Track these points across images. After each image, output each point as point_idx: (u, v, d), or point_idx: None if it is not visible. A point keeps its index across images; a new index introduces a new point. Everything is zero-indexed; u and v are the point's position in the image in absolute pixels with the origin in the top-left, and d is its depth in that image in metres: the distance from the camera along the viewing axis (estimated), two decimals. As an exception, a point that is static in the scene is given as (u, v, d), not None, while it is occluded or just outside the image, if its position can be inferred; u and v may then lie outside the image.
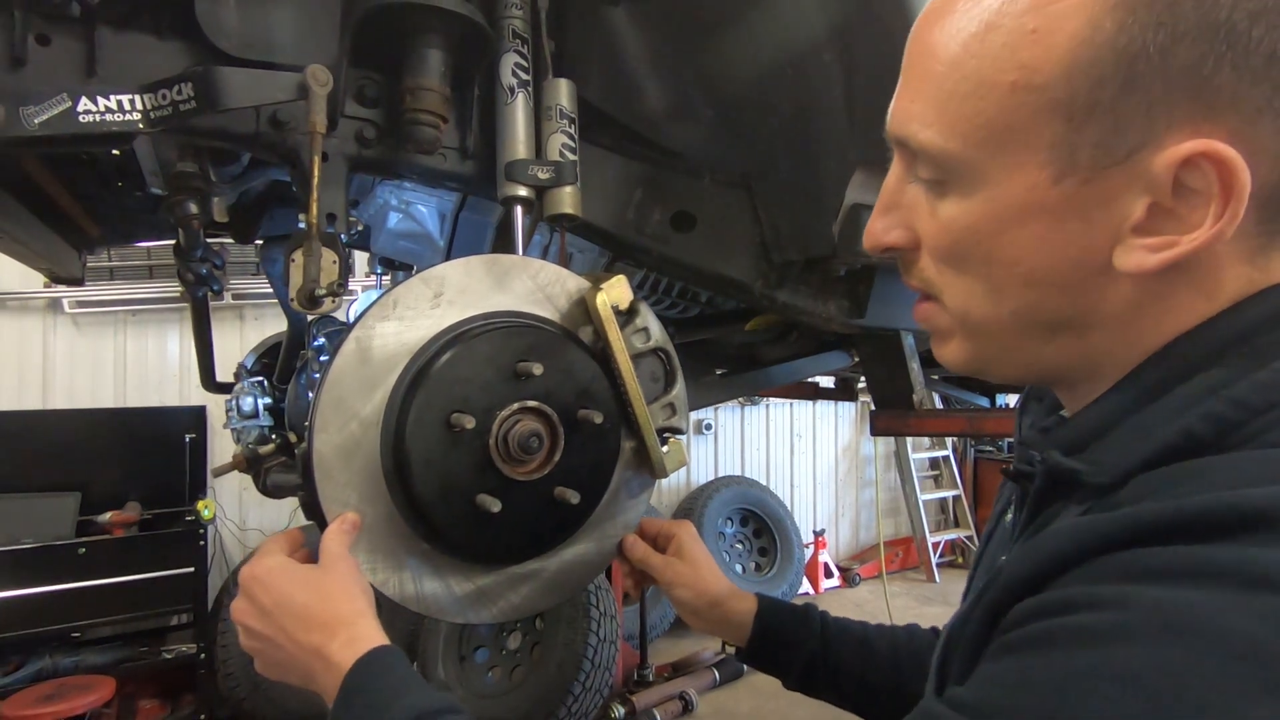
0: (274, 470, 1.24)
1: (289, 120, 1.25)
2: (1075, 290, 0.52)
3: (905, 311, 1.71)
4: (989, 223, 0.53)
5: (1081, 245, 0.51)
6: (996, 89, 0.50)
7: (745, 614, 1.00)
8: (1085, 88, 0.47)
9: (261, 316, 4.58)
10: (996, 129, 0.50)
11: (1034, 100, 0.49)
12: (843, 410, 7.15)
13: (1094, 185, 0.49)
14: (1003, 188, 0.52)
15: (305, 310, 1.14)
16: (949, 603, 5.93)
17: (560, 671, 3.57)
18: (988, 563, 0.72)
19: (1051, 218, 0.51)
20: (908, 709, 0.49)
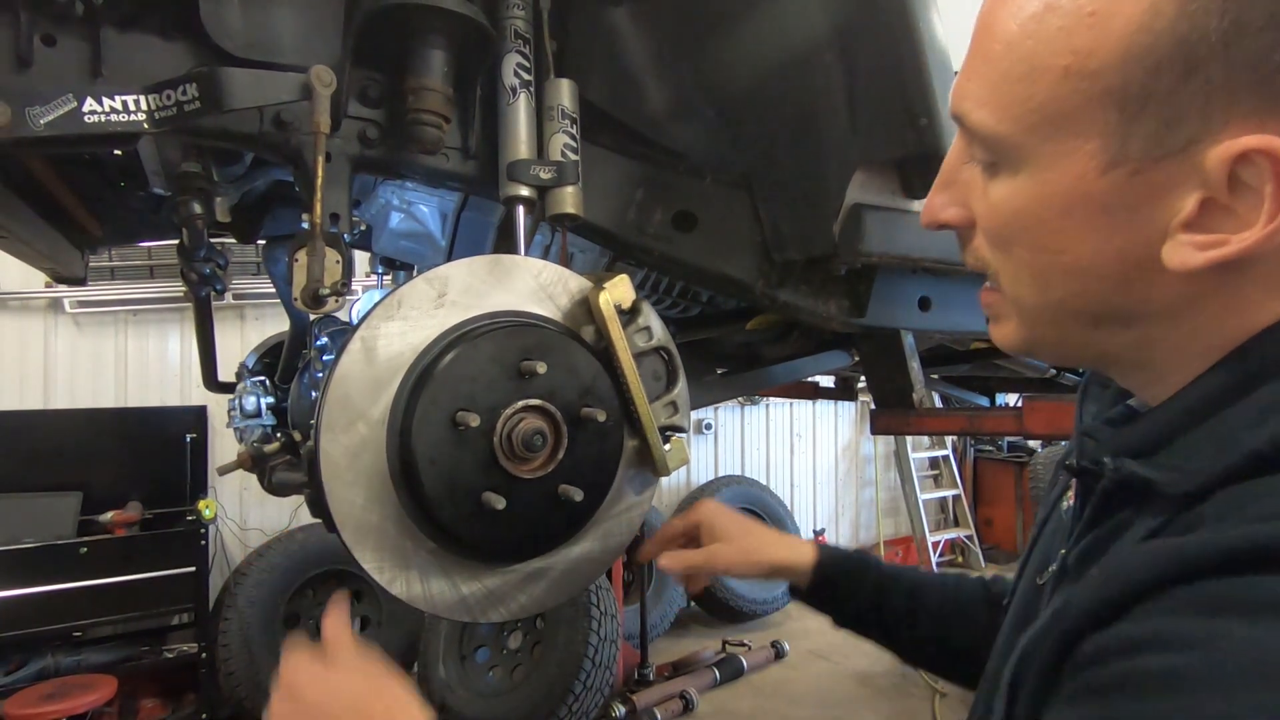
0: (279, 469, 1.25)
1: (292, 120, 1.25)
2: (1121, 283, 0.51)
3: (905, 311, 1.71)
4: (1035, 209, 0.52)
5: (1127, 238, 0.49)
6: (1049, 73, 0.48)
7: (802, 566, 1.02)
8: (1140, 76, 0.45)
9: (262, 316, 4.59)
10: (1047, 114, 0.49)
11: (1086, 87, 0.47)
12: (842, 410, 7.15)
13: (1144, 178, 0.47)
14: (1051, 174, 0.50)
15: (309, 310, 1.14)
16: (949, 602, 5.94)
17: (561, 671, 3.57)
18: (1042, 551, 0.70)
19: (1098, 209, 0.49)
20: (951, 658, 0.47)
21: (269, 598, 3.92)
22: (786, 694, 4.36)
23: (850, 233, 1.35)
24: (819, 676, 4.59)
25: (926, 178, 1.34)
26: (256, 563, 4.00)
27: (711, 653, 4.69)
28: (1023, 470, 7.10)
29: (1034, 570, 0.70)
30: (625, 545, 1.02)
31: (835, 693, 4.36)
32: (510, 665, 3.87)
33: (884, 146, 1.28)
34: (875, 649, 1.11)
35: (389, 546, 0.84)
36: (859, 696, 4.30)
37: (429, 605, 0.88)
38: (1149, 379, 0.55)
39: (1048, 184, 0.50)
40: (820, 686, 4.45)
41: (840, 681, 4.51)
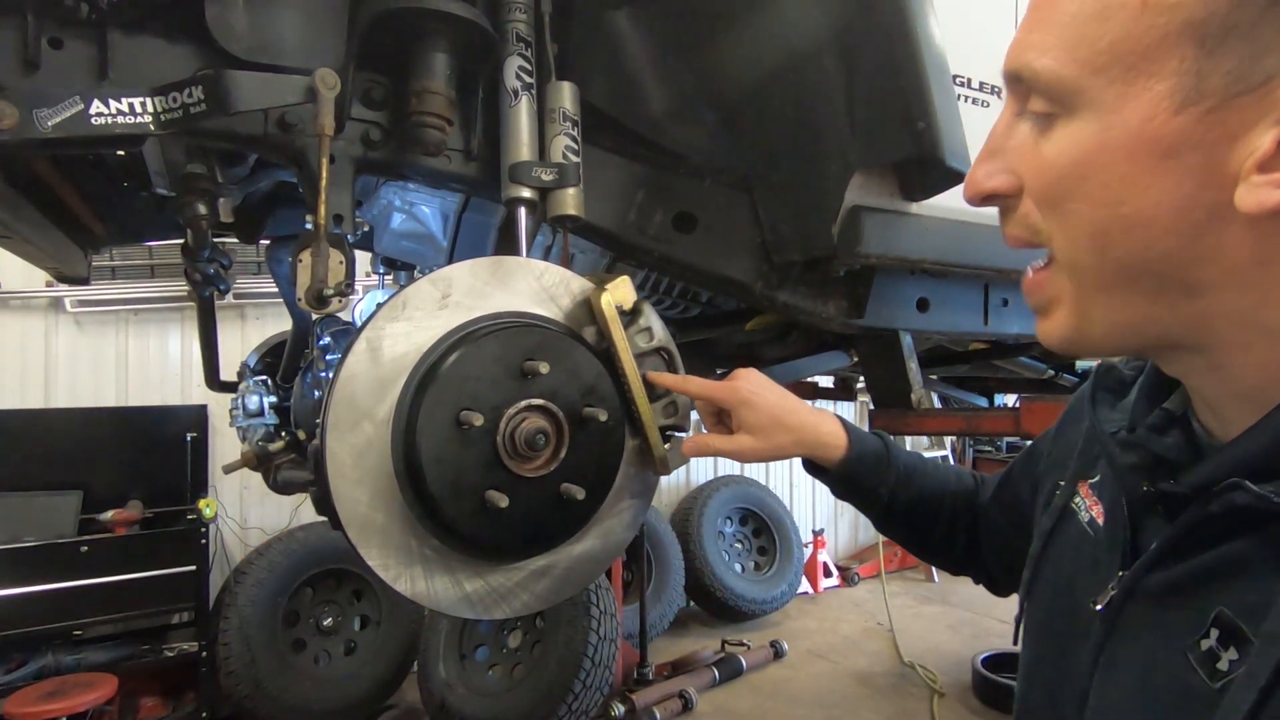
0: (284, 467, 1.26)
1: (297, 123, 1.27)
2: (1187, 236, 0.47)
3: (903, 312, 1.73)
4: (1098, 156, 0.48)
5: (1198, 182, 0.46)
6: (1126, 9, 0.46)
7: (833, 451, 0.99)
8: (1225, 7, 0.43)
9: (263, 316, 4.60)
10: (1120, 53, 0.46)
11: (1165, 21, 0.44)
12: (842, 409, 7.16)
13: (1219, 115, 0.44)
14: (1117, 117, 0.47)
15: (313, 310, 1.16)
16: (947, 602, 5.96)
17: (561, 669, 3.58)
18: (1065, 567, 0.68)
19: (1166, 151, 0.46)
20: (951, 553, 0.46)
21: (269, 596, 3.93)
22: (785, 694, 4.37)
23: (849, 234, 1.36)
24: (818, 676, 4.60)
25: (924, 180, 1.36)
26: (257, 561, 4.00)
27: (711, 652, 4.70)
28: (1021, 471, 7.11)
29: (1060, 587, 0.67)
30: (626, 544, 1.03)
31: (834, 692, 4.37)
32: (510, 664, 3.88)
33: (882, 149, 1.29)
34: (874, 648, 1.12)
35: (393, 545, 0.86)
36: (858, 696, 4.31)
37: (432, 602, 0.89)
38: (1207, 364, 0.51)
39: (1112, 128, 0.48)
40: (819, 686, 4.46)
41: (839, 681, 4.52)
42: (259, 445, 1.25)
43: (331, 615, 4.20)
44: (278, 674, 3.80)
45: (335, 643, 4.19)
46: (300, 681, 3.88)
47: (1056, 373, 3.37)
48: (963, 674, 4.42)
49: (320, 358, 1.61)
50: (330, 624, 4.18)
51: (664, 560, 5.12)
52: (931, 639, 5.14)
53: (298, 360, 1.92)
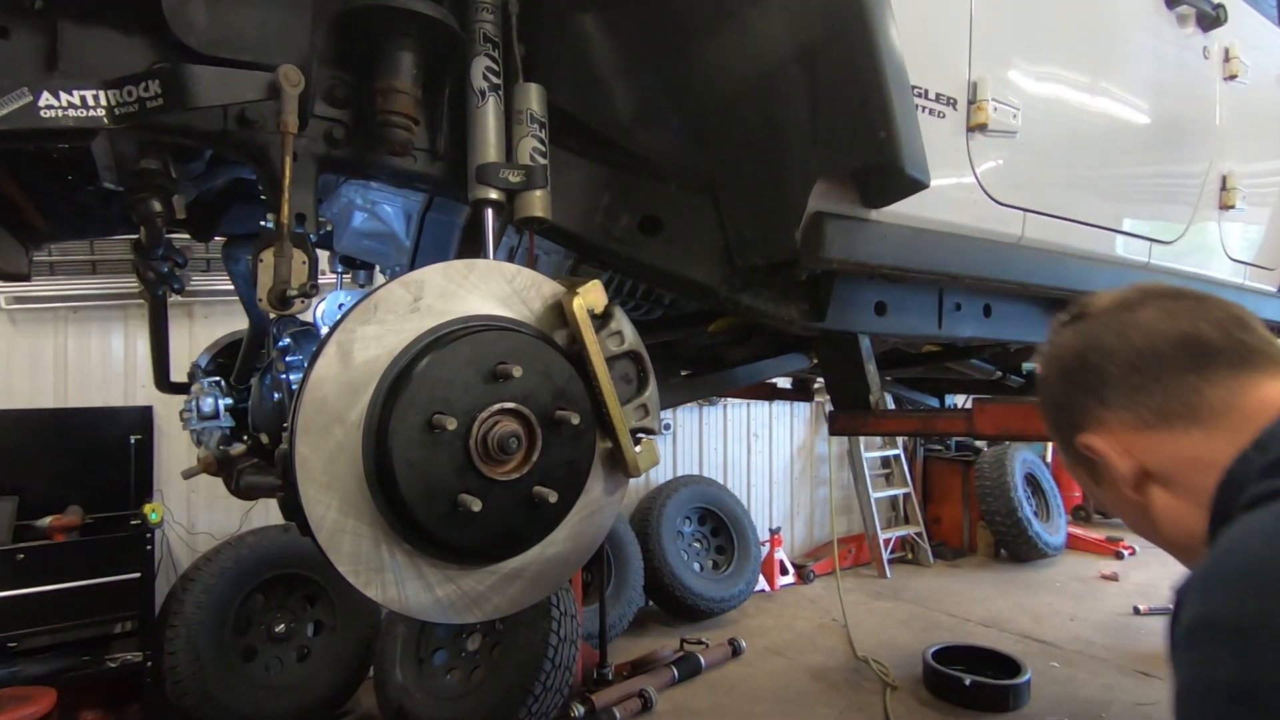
0: (247, 472, 1.23)
1: (258, 119, 1.24)
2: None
3: (862, 315, 1.77)
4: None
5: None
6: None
7: None
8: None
9: (211, 315, 4.46)
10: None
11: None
12: (798, 410, 7.27)
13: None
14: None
15: (276, 311, 1.13)
16: (899, 598, 6.09)
17: (521, 672, 3.56)
18: None
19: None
20: None
21: (218, 604, 3.80)
22: (744, 691, 4.41)
23: (812, 240, 1.39)
24: (775, 673, 4.66)
25: (884, 188, 1.40)
26: (205, 568, 3.87)
27: (670, 651, 4.72)
28: (969, 469, 7.34)
29: None
30: (596, 546, 1.04)
31: (791, 688, 4.43)
32: (469, 667, 3.84)
33: (845, 157, 1.32)
34: (829, 643, 1.13)
35: (364, 550, 0.85)
36: (814, 691, 4.38)
37: (404, 608, 0.88)
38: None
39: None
40: (776, 683, 4.52)
41: (796, 677, 4.59)
42: (219, 449, 1.21)
43: (284, 621, 4.10)
44: (227, 683, 3.69)
45: (288, 649, 4.08)
46: (251, 690, 3.77)
47: (1004, 374, 3.48)
48: (914, 667, 4.53)
49: (280, 359, 1.57)
50: (282, 630, 4.07)
51: (623, 560, 5.13)
52: (884, 634, 5.25)
53: (253, 361, 1.87)
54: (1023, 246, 1.74)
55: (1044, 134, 1.76)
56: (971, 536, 7.44)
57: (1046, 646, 4.96)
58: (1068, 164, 1.85)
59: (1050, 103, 1.79)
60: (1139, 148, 2.05)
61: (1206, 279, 2.32)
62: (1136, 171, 2.07)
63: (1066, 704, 4.09)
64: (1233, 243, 2.40)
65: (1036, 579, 6.54)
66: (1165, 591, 6.02)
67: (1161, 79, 2.09)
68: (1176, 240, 2.17)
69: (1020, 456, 7.20)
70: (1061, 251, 1.83)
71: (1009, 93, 1.66)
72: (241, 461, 1.22)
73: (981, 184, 1.64)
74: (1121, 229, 1.99)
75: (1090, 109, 1.89)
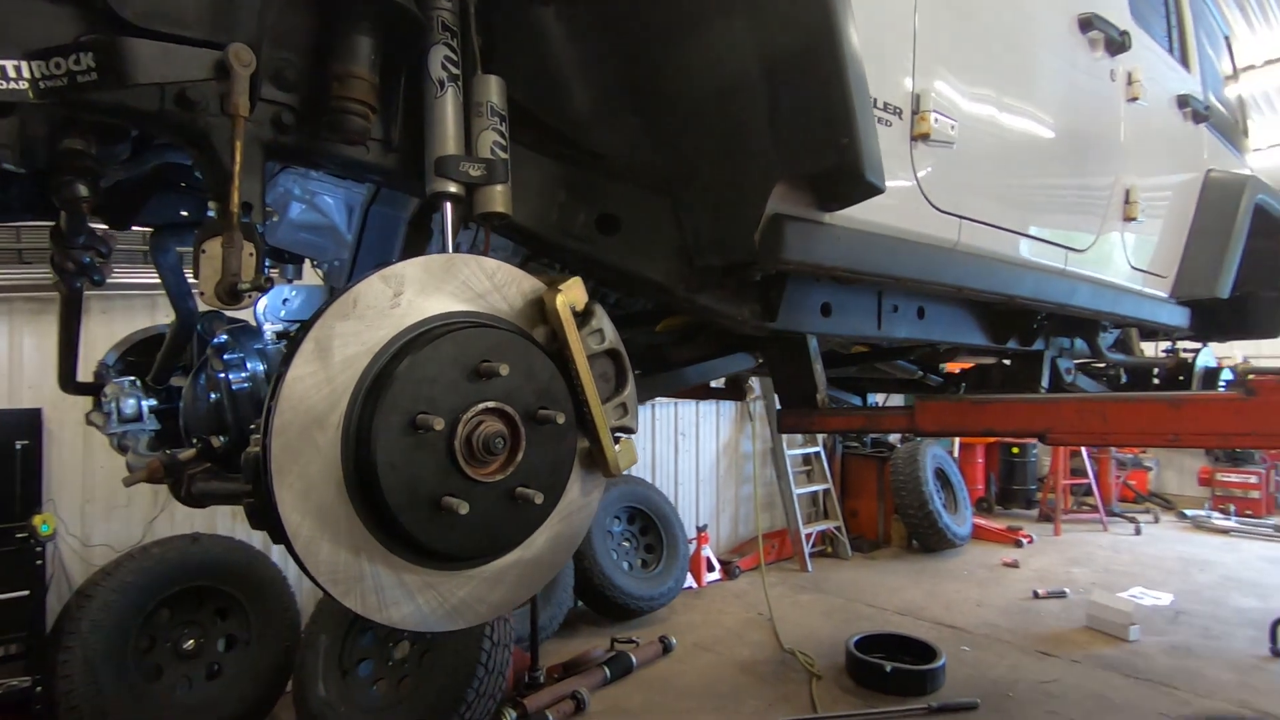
0: (198, 478, 1.14)
1: (200, 100, 1.16)
2: None
3: (810, 316, 1.82)
4: None
5: None
6: None
7: None
8: None
9: (110, 310, 4.13)
10: None
11: None
12: (724, 409, 7.40)
13: None
14: None
15: (225, 305, 1.06)
16: (820, 590, 6.29)
17: (453, 679, 3.47)
18: None
19: None
20: None
21: (119, 621, 3.53)
22: (675, 687, 4.46)
23: (771, 241, 1.41)
24: (705, 668, 4.73)
25: (841, 192, 1.44)
26: (104, 582, 3.59)
27: (601, 651, 4.71)
28: (884, 465, 7.66)
29: None
30: (575, 547, 1.02)
31: (721, 683, 4.51)
32: (397, 677, 3.72)
33: (806, 161, 1.35)
34: (756, 637, 1.15)
35: (342, 556, 0.80)
36: (743, 684, 4.47)
37: (385, 619, 0.84)
38: None
39: None
40: (706, 678, 4.59)
41: (725, 671, 4.67)
42: (166, 454, 1.12)
43: (193, 637, 3.85)
44: (129, 706, 3.44)
45: (197, 667, 3.84)
46: (156, 712, 3.52)
47: (924, 374, 3.66)
48: (837, 656, 4.69)
49: (216, 356, 1.47)
50: (191, 646, 3.83)
51: (554, 562, 5.08)
52: (808, 625, 5.41)
53: (176, 360, 1.74)
54: (959, 251, 1.83)
55: (977, 146, 1.85)
56: (886, 529, 7.77)
57: (957, 631, 5.24)
58: (998, 174, 1.95)
59: (982, 116, 1.89)
60: (1057, 161, 2.19)
61: (1113, 285, 2.50)
62: (1055, 183, 2.21)
63: (977, 685, 4.33)
64: (1133, 252, 2.60)
65: (946, 568, 6.89)
66: (1060, 576, 6.47)
67: (1076, 98, 2.24)
68: (1088, 249, 2.33)
69: (931, 452, 7.56)
70: (992, 257, 1.94)
71: (948, 105, 1.74)
72: (191, 467, 1.13)
73: (923, 191, 1.72)
74: (1043, 237, 2.13)
75: (1016, 123, 2.00)
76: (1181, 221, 2.97)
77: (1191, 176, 3.05)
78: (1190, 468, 9.93)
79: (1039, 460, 9.50)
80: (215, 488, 1.11)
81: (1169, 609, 5.63)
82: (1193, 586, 6.23)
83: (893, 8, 1.62)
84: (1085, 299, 2.31)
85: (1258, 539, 7.94)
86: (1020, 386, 2.85)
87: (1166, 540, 7.95)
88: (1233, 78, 4.11)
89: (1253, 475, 8.95)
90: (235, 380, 1.38)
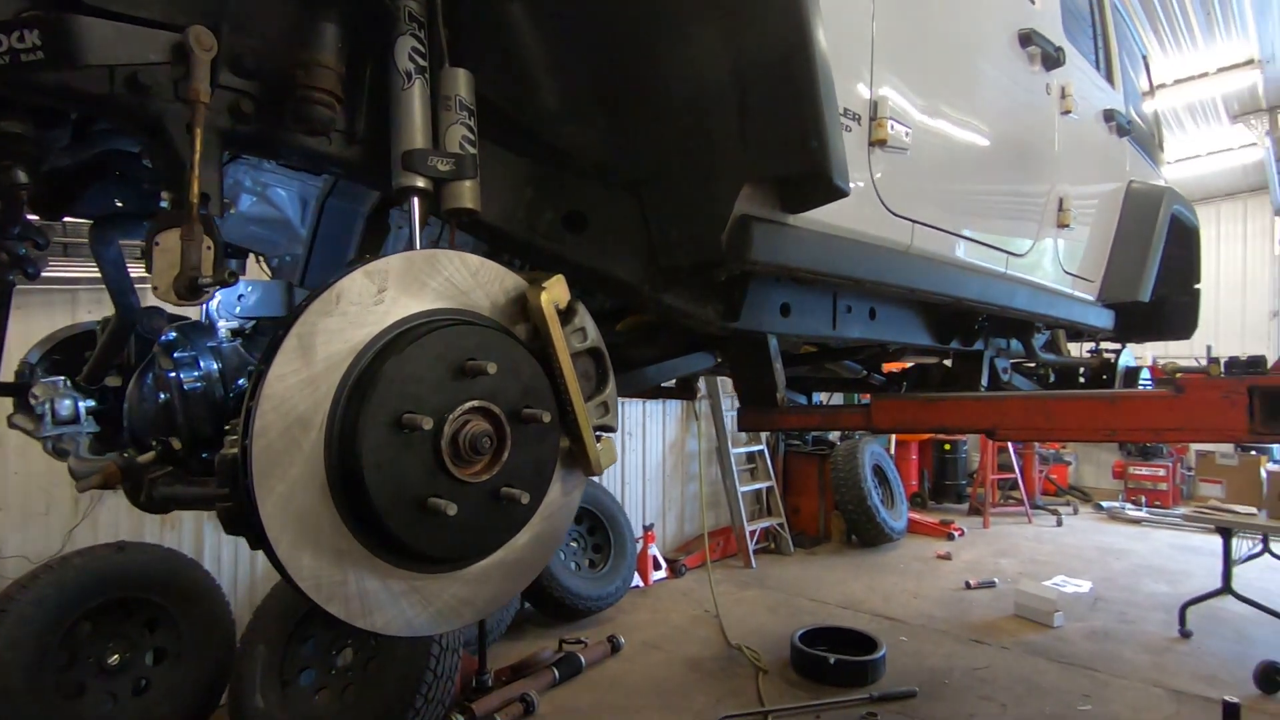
0: (160, 482, 1.08)
1: (152, 84, 1.10)
2: None
3: (770, 316, 1.85)
4: None
5: None
6: None
7: None
8: None
9: (26, 305, 3.87)
10: None
11: None
12: (670, 409, 7.45)
13: None
14: None
15: (183, 301, 1.01)
16: (765, 586, 6.40)
17: (401, 685, 3.39)
18: None
19: None
20: None
21: (36, 636, 3.31)
22: (624, 686, 4.46)
23: (738, 242, 1.43)
24: (654, 666, 4.75)
25: (807, 195, 1.47)
26: (19, 596, 3.35)
27: (550, 652, 4.68)
28: (824, 462, 7.85)
29: None
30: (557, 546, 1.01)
31: (669, 680, 4.54)
32: (340, 685, 3.61)
33: (775, 164, 1.37)
34: (703, 634, 1.16)
35: (326, 562, 0.77)
36: (691, 681, 4.51)
37: (369, 624, 0.81)
38: None
39: None
40: (655, 676, 4.61)
41: (673, 669, 4.70)
42: (124, 457, 1.05)
43: (118, 651, 3.64)
44: (47, 726, 3.23)
45: (123, 683, 3.63)
46: (78, 732, 3.32)
47: (868, 374, 3.77)
48: (782, 650, 4.78)
49: (165, 355, 1.38)
50: (116, 662, 3.62)
51: (501, 563, 5.02)
52: (753, 621, 5.50)
53: (113, 358, 1.64)
54: (911, 254, 1.89)
55: (929, 152, 1.92)
56: (827, 525, 7.96)
57: (896, 623, 5.41)
58: (947, 180, 2.03)
59: (933, 124, 1.96)
60: (1000, 169, 2.29)
61: (1048, 288, 2.63)
62: (998, 190, 2.31)
63: (916, 674, 4.48)
64: (1066, 257, 2.74)
65: (884, 561, 7.11)
66: (989, 567, 6.75)
67: (1016, 110, 2.34)
68: (1026, 254, 2.44)
69: (869, 449, 7.79)
70: (942, 260, 2.01)
71: (902, 113, 1.80)
72: (152, 470, 1.06)
73: (879, 195, 1.77)
74: (987, 241, 2.22)
75: (964, 132, 2.09)
76: (1107, 229, 3.15)
77: (1116, 187, 3.23)
78: (1106, 462, 10.52)
79: (969, 456, 9.90)
80: (181, 492, 1.05)
81: (1089, 596, 5.95)
82: (1109, 574, 6.60)
83: (853, 16, 1.67)
84: (1024, 301, 2.42)
85: (1166, 528, 8.46)
86: (960, 386, 2.97)
87: (1085, 531, 8.40)
88: (1149, 94, 4.38)
89: (1161, 468, 9.56)
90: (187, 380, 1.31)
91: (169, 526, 4.26)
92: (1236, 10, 6.55)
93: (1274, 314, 10.20)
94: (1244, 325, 10.35)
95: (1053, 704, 4.08)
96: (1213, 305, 9.20)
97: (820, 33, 1.28)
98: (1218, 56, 7.34)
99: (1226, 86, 7.85)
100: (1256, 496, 7.40)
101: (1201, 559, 6.92)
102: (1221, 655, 4.72)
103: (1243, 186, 10.39)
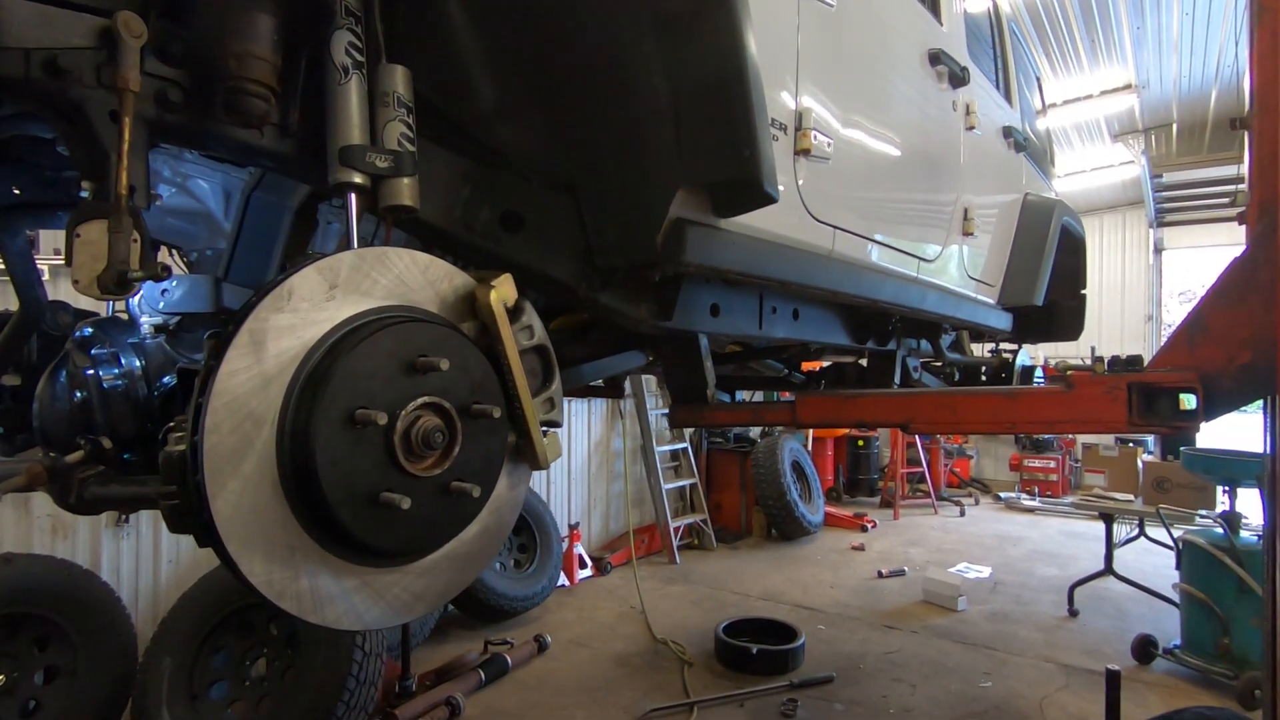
0: (91, 482, 1.02)
1: (73, 69, 1.06)
2: None
3: (700, 316, 1.91)
4: None
5: None
6: None
7: None
8: None
9: (-107, 298, 3.54)
10: None
11: None
12: (595, 407, 7.48)
13: None
14: None
15: (108, 295, 0.98)
16: (689, 581, 6.53)
17: (319, 694, 3.29)
18: None
19: None
20: None
21: (-92, 659, 3.05)
22: (552, 685, 4.47)
23: (673, 244, 1.48)
24: (580, 664, 4.77)
25: (737, 200, 1.54)
26: (-113, 616, 3.08)
27: (475, 654, 4.62)
28: (746, 459, 8.06)
29: None
30: (504, 540, 1.03)
31: (597, 677, 4.57)
32: (255, 697, 3.47)
33: (708, 169, 1.43)
34: (629, 630, 1.21)
35: (278, 557, 0.77)
36: (618, 677, 4.56)
37: (321, 619, 0.81)
38: None
39: None
40: (582, 673, 4.63)
41: (601, 666, 4.74)
42: (50, 458, 0.98)
43: (3, 672, 3.39)
44: (-78, 756, 2.97)
45: (8, 706, 3.38)
46: (-43, 761, 3.07)
47: (789, 373, 3.91)
48: (707, 643, 4.90)
49: (80, 351, 1.31)
50: (2, 683, 3.37)
51: (424, 566, 4.92)
52: (678, 616, 5.60)
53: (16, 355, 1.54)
54: (833, 258, 1.99)
55: (849, 161, 2.03)
56: (748, 520, 8.18)
57: (814, 612, 5.62)
58: (866, 188, 2.15)
59: (853, 135, 2.07)
60: (913, 179, 2.44)
61: (955, 292, 2.81)
62: (911, 199, 2.45)
63: (833, 659, 4.68)
64: (970, 263, 2.94)
65: (802, 554, 7.37)
66: (900, 556, 7.11)
67: (927, 124, 2.50)
68: (936, 259, 2.61)
69: (788, 446, 8.04)
70: (861, 264, 2.12)
71: (824, 124, 1.90)
72: (83, 470, 1.00)
73: (804, 202, 1.86)
74: (901, 247, 2.36)
75: (880, 143, 2.21)
76: (1006, 238, 3.39)
77: (1014, 198, 3.48)
78: (1003, 455, 11.22)
79: (881, 452, 10.37)
80: (117, 491, 1.00)
81: (989, 581, 6.35)
82: (1007, 560, 7.06)
83: (780, 28, 1.75)
84: (934, 304, 2.58)
85: (1057, 516, 9.11)
86: (874, 383, 3.14)
87: (985, 520, 8.95)
88: (1042, 113, 4.73)
89: (1052, 460, 10.29)
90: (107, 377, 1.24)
91: (61, 536, 3.98)
92: (1118, 39, 7.14)
93: (1149, 317, 11.14)
94: (1124, 327, 11.26)
95: (958, 682, 4.35)
96: (1096, 309, 10.00)
97: (753, 45, 1.34)
98: (1101, 80, 7.96)
99: (1108, 108, 8.53)
100: (1134, 484, 8.09)
101: (1087, 544, 7.50)
102: (1104, 631, 5.14)
103: (1122, 200, 11.29)
